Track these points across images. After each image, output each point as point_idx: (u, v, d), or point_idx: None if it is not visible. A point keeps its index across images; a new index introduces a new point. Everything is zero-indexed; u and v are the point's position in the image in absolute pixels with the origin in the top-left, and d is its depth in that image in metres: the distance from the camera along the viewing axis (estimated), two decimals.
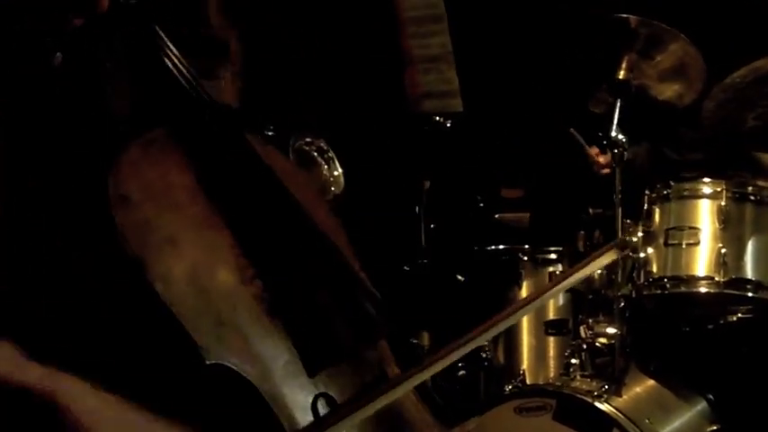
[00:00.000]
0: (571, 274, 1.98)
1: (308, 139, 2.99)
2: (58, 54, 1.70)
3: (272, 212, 1.73)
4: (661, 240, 3.33)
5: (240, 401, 1.60)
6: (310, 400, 1.64)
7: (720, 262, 3.22)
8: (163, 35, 1.78)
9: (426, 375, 1.73)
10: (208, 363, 1.56)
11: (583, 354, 3.38)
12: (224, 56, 1.98)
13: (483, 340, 1.82)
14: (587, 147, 3.67)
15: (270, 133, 3.15)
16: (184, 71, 1.77)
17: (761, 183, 3.66)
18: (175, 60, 1.76)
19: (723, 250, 3.23)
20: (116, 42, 1.75)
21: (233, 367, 1.58)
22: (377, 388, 1.68)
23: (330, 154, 2.92)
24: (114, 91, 1.76)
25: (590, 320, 3.44)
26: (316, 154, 2.99)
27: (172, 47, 1.78)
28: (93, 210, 1.59)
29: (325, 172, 2.93)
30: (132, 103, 1.77)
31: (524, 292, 3.74)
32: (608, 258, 1.99)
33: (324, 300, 1.72)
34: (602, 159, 3.71)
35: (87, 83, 1.74)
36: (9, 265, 1.61)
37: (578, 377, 3.31)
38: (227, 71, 1.97)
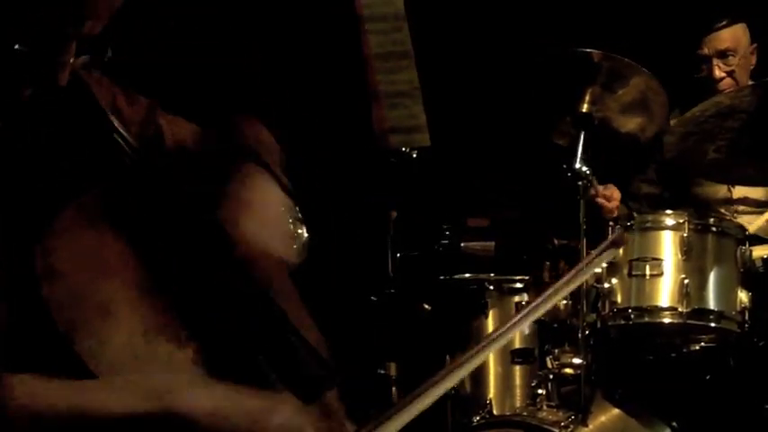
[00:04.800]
0: (574, 275, 1.93)
1: None
2: None
3: (207, 271, 1.67)
4: (625, 271, 3.37)
5: None
6: None
7: (683, 292, 3.27)
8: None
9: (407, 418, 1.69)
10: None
11: (549, 384, 3.40)
12: None
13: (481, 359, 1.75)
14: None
15: None
16: (118, 127, 1.70)
17: (721, 214, 3.75)
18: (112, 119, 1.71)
19: (686, 281, 3.28)
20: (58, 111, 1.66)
21: None
22: None
23: (297, 213, 2.93)
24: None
25: (556, 350, 3.46)
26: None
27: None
28: (23, 282, 1.53)
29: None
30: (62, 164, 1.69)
31: (491, 321, 3.75)
32: (609, 256, 1.97)
33: (262, 359, 1.67)
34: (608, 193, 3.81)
35: (23, 150, 1.65)
36: None
37: (545, 407, 3.33)
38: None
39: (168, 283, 1.63)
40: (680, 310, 3.26)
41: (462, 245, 4.29)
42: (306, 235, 3.01)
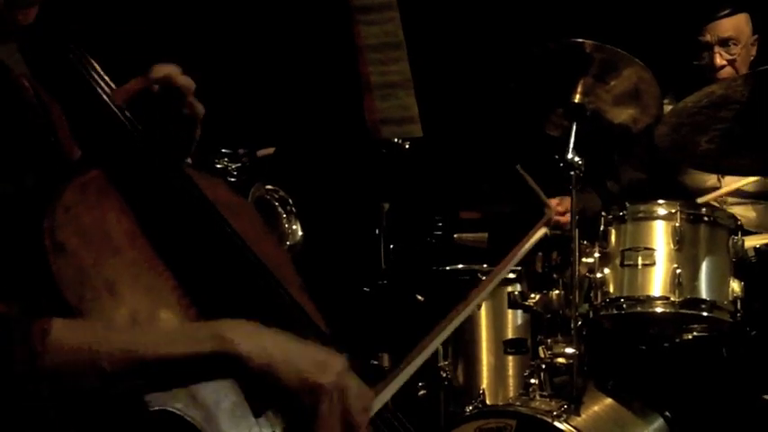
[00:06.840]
0: (512, 256, 1.95)
1: (269, 187, 3.00)
2: None
3: (212, 250, 1.67)
4: (617, 261, 3.38)
5: None
6: None
7: (675, 282, 3.27)
8: (90, 59, 1.69)
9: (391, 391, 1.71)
10: (151, 409, 1.52)
11: (542, 374, 3.41)
12: None
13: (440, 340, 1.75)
14: (541, 193, 3.65)
15: (224, 151, 3.14)
16: (116, 102, 1.68)
17: (714, 204, 3.76)
18: (104, 87, 1.68)
19: (678, 271, 3.28)
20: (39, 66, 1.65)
21: (177, 412, 1.54)
22: None
23: (291, 207, 2.93)
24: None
25: (548, 340, 3.46)
26: (277, 204, 3.01)
27: (101, 72, 1.69)
28: (30, 258, 1.52)
29: (284, 223, 2.95)
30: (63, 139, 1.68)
31: (483, 312, 3.77)
32: (539, 234, 2.00)
33: None
34: (560, 208, 3.75)
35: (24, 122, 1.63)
36: None
37: (538, 397, 3.34)
38: None
39: (174, 262, 1.62)
40: (672, 299, 3.27)
41: (455, 236, 4.30)
42: (300, 232, 3.03)
